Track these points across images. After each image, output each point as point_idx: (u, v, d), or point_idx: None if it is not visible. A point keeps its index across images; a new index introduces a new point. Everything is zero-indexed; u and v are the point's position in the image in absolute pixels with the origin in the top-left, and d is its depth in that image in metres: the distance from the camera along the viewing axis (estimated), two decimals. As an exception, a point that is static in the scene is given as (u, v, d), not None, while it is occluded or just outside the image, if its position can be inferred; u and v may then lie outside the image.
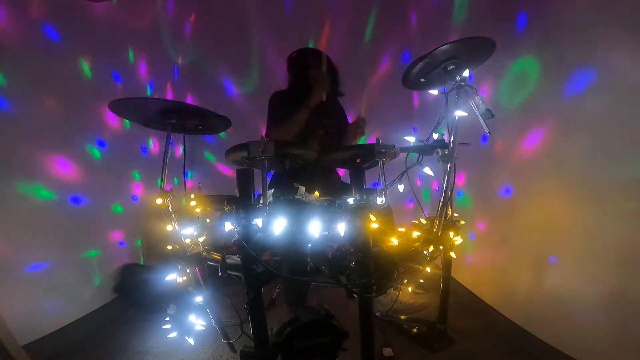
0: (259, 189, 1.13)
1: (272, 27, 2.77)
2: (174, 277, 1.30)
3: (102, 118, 1.88)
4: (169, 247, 1.28)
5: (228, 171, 2.86)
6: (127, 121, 2.02)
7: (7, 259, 1.32)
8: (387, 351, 1.34)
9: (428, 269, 1.30)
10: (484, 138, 1.78)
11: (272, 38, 2.76)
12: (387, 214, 1.42)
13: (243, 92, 2.91)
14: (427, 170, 1.31)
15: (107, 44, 1.91)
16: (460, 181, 2.01)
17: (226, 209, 1.13)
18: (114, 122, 1.96)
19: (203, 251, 1.27)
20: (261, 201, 1.12)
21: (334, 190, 1.64)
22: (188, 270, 1.26)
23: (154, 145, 2.36)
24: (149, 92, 2.30)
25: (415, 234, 1.28)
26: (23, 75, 1.40)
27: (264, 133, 1.86)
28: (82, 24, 1.73)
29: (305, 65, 1.85)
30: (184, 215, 1.30)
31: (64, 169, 1.61)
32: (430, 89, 1.33)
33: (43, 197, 1.48)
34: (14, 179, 1.36)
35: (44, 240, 1.48)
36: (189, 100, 2.84)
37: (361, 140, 1.90)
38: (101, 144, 1.85)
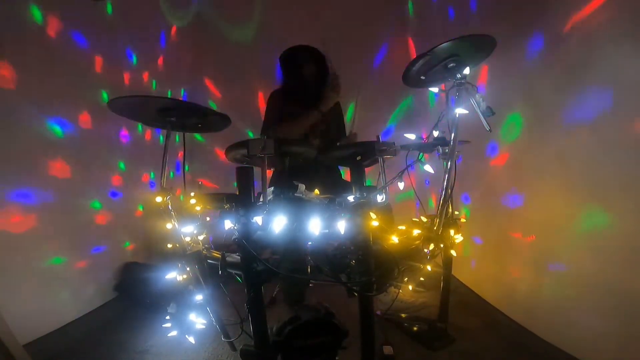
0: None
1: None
2: (174, 275, 1.29)
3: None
4: (169, 246, 1.27)
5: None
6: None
7: (7, 259, 1.31)
8: (388, 350, 1.33)
9: (429, 267, 1.29)
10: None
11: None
12: (387, 212, 1.41)
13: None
14: (428, 168, 1.31)
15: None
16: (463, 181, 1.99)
17: (226, 207, 1.13)
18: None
19: (203, 249, 1.27)
20: (261, 199, 1.11)
21: (335, 188, 1.63)
22: (188, 269, 1.26)
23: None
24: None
25: (416, 231, 1.27)
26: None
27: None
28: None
29: (298, 64, 1.84)
30: (183, 213, 1.30)
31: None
32: (430, 86, 1.32)
33: (41, 195, 1.47)
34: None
35: (43, 239, 1.47)
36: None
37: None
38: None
